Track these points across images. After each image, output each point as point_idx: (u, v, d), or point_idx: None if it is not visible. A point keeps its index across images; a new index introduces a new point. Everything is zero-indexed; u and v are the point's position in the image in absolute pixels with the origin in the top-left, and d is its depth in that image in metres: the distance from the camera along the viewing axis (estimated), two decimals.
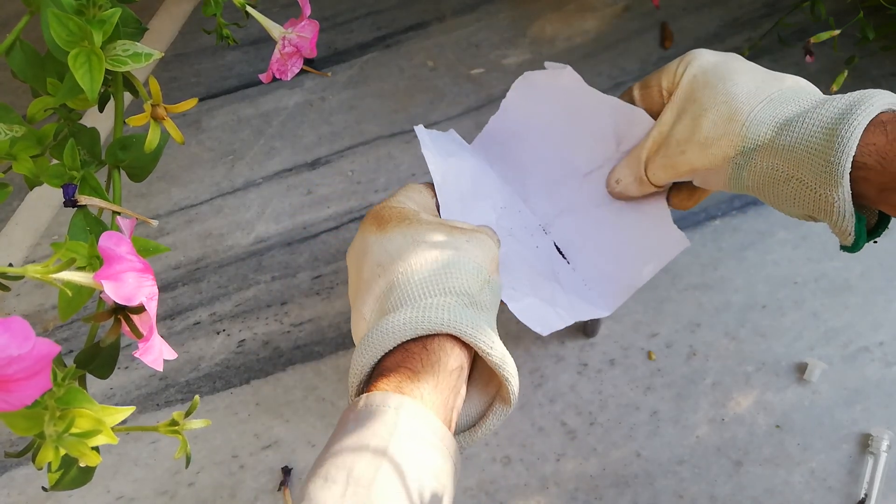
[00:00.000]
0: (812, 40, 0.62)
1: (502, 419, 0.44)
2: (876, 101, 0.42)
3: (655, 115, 0.53)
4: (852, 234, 0.43)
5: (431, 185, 0.53)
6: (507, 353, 0.42)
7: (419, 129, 0.54)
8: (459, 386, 0.41)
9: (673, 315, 0.64)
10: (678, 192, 0.56)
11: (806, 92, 0.47)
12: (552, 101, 0.56)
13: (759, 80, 0.48)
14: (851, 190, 0.43)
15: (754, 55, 0.75)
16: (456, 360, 0.41)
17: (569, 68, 0.54)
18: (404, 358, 0.40)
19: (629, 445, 0.60)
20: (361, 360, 0.41)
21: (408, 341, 0.41)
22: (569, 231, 0.59)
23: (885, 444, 0.59)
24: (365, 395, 0.38)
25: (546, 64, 0.56)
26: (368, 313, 0.44)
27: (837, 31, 0.62)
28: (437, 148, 0.54)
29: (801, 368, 0.62)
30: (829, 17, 0.67)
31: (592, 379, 0.62)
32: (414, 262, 0.44)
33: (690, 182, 0.53)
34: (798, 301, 0.65)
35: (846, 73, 0.63)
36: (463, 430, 0.45)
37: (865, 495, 0.58)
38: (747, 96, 0.47)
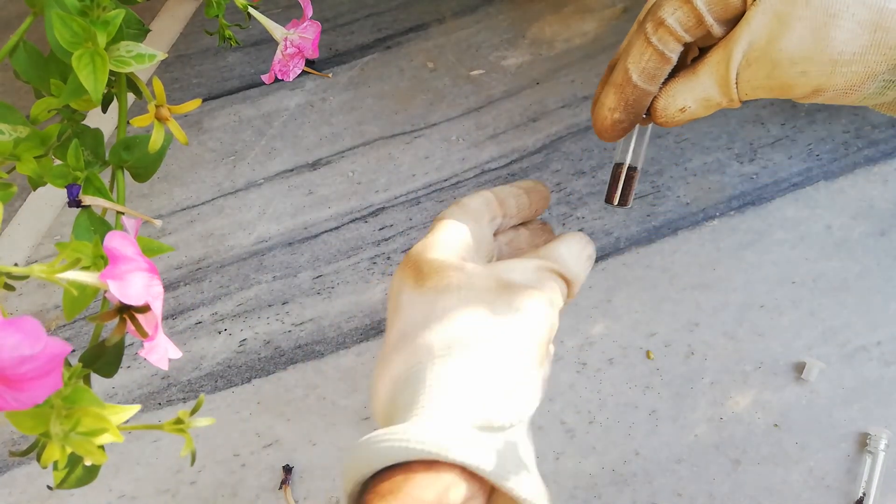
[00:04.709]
0: None
1: None
2: None
3: (729, 21, 0.43)
4: None
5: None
6: (539, 485, 0.34)
7: None
8: None
9: (671, 314, 0.65)
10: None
11: None
12: None
13: None
14: None
15: None
16: (468, 491, 0.34)
17: None
18: (406, 479, 0.33)
19: (628, 444, 0.60)
20: (358, 469, 0.35)
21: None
22: None
23: (883, 444, 0.59)
24: None
25: None
26: (383, 392, 0.38)
27: None
28: None
29: (800, 368, 0.62)
30: None
31: (591, 378, 0.63)
32: (437, 351, 0.35)
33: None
34: (796, 301, 0.65)
35: None
36: None
37: (863, 494, 0.58)
38: None
